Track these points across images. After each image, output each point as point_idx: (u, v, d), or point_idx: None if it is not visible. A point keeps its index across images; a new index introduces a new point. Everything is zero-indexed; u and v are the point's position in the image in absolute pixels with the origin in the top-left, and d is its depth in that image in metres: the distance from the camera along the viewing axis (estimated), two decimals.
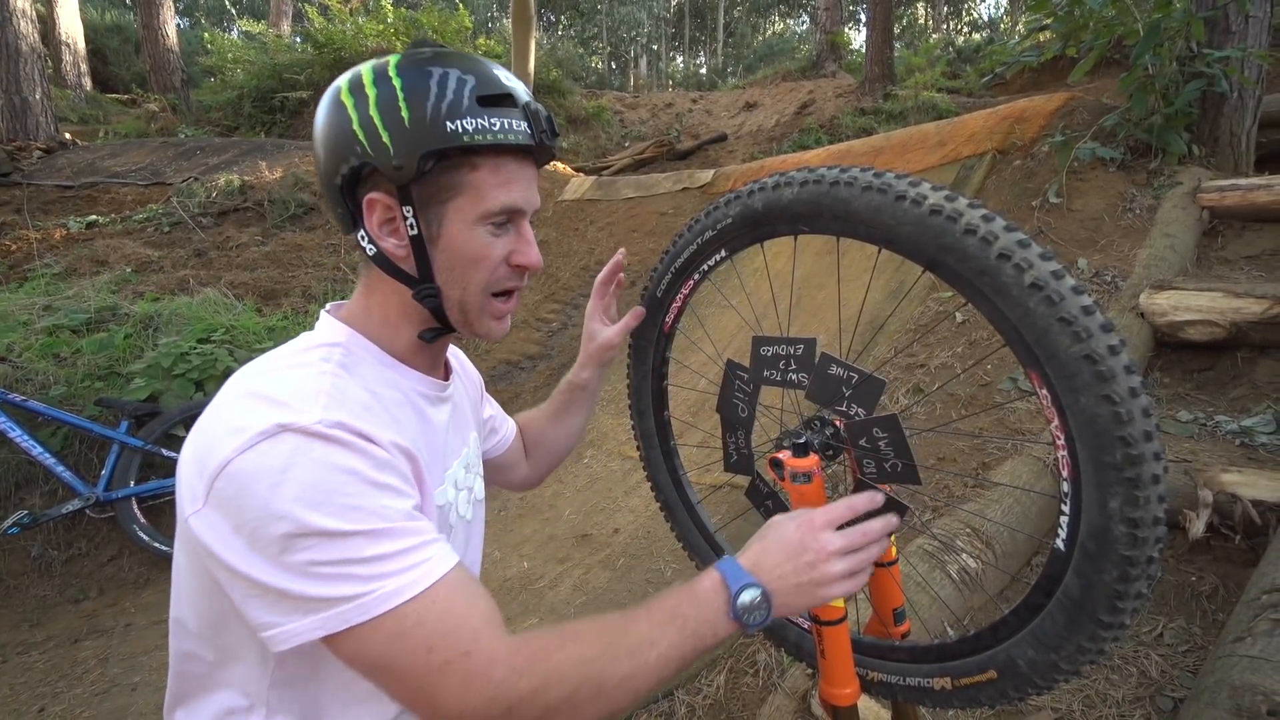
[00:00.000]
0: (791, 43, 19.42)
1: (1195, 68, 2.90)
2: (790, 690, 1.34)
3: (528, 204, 0.71)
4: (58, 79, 9.24)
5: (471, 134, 0.64)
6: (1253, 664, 1.07)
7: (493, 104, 0.65)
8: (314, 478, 0.55)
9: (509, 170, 0.68)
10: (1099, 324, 0.58)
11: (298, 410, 0.57)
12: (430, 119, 0.63)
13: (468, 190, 0.67)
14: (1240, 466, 1.62)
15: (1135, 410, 0.57)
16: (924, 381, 2.37)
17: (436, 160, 0.64)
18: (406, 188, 0.65)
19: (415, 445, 0.66)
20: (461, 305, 0.71)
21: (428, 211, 0.67)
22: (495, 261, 0.70)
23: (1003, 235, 0.62)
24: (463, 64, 0.66)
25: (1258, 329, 2.10)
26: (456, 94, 0.64)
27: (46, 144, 6.39)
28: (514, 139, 0.66)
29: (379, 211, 0.67)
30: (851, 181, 0.70)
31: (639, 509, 2.56)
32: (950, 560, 1.52)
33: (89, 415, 2.78)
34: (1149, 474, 0.57)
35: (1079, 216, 2.89)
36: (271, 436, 0.55)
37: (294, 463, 0.55)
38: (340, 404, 0.60)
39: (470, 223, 0.67)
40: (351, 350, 0.69)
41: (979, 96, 7.80)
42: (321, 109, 0.69)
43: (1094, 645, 0.62)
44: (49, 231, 4.78)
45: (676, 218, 4.81)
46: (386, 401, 0.67)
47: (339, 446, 0.57)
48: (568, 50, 12.68)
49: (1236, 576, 1.48)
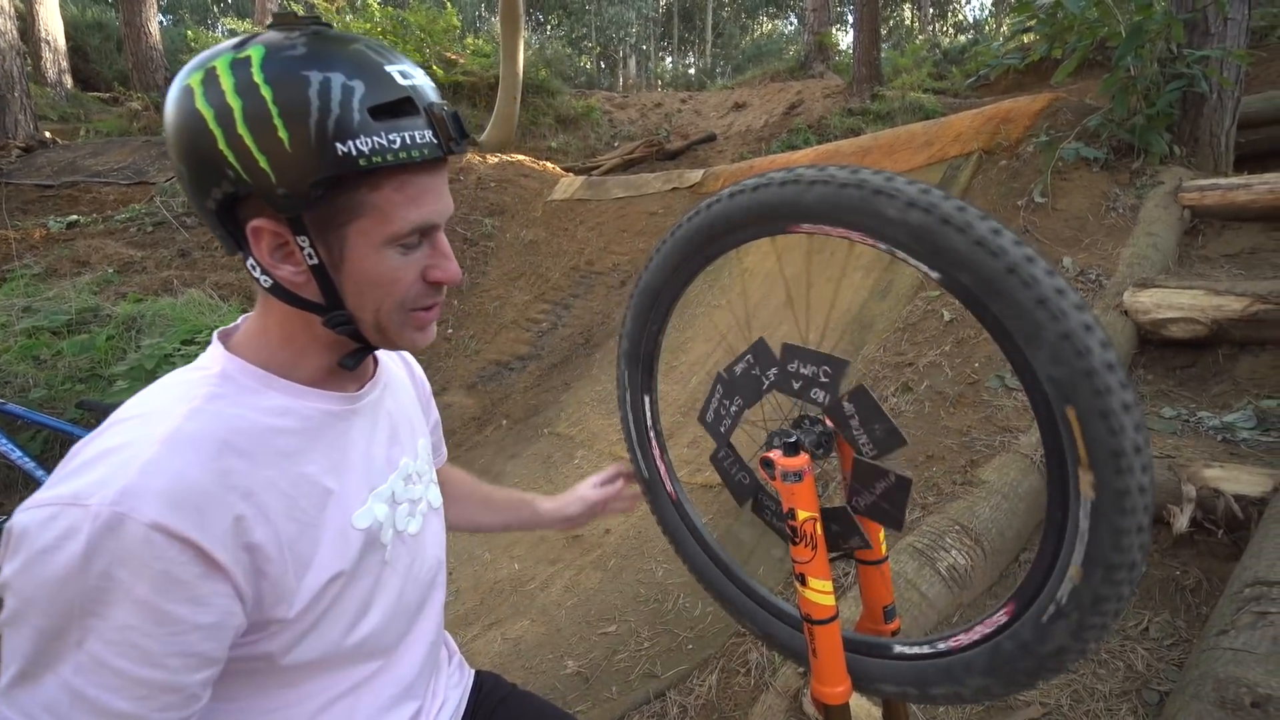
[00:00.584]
0: (779, 43, 19.49)
1: (1176, 69, 2.95)
2: (782, 689, 1.34)
3: (440, 216, 0.62)
4: (37, 76, 9.08)
5: (368, 156, 0.55)
6: (1236, 656, 1.09)
7: (389, 114, 0.56)
8: (65, 580, 0.48)
9: (416, 185, 0.60)
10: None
11: (100, 480, 0.51)
12: (316, 142, 0.54)
13: (370, 212, 0.58)
14: (1222, 462, 1.64)
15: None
16: (912, 380, 2.38)
17: (329, 187, 0.56)
18: (298, 216, 0.57)
19: (314, 480, 0.62)
20: (378, 326, 0.64)
21: (326, 237, 0.59)
22: (409, 282, 0.63)
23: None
24: (345, 63, 0.56)
25: (1238, 326, 2.13)
26: (344, 107, 0.54)
27: (26, 142, 6.28)
28: (419, 154, 0.57)
29: (267, 239, 0.59)
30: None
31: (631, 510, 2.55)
32: (940, 557, 1.53)
33: (70, 418, 2.73)
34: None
35: (1064, 216, 2.93)
36: (62, 505, 0.50)
37: (58, 547, 0.49)
38: (160, 472, 0.52)
39: (376, 246, 0.60)
40: (230, 379, 0.62)
41: (965, 97, 7.87)
42: (172, 110, 0.57)
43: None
44: (28, 231, 4.70)
45: (666, 217, 4.81)
46: (270, 437, 0.60)
47: (133, 551, 0.50)
48: (557, 50, 12.64)
49: (1220, 570, 1.51)
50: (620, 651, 1.78)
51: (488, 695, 0.90)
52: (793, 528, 0.79)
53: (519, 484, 3.04)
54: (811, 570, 0.79)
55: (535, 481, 3.03)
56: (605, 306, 4.39)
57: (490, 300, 4.66)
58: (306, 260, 0.59)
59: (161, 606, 0.51)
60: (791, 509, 0.78)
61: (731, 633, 1.65)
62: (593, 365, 3.82)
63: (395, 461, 0.75)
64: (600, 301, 4.45)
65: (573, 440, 3.27)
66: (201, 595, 0.53)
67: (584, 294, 4.57)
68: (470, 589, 2.28)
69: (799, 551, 0.79)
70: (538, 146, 8.23)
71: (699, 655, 1.65)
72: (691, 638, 1.75)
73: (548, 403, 3.67)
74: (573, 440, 3.27)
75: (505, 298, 4.67)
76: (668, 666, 1.67)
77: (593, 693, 1.66)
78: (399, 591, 0.73)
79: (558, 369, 3.95)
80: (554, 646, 1.88)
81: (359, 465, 0.69)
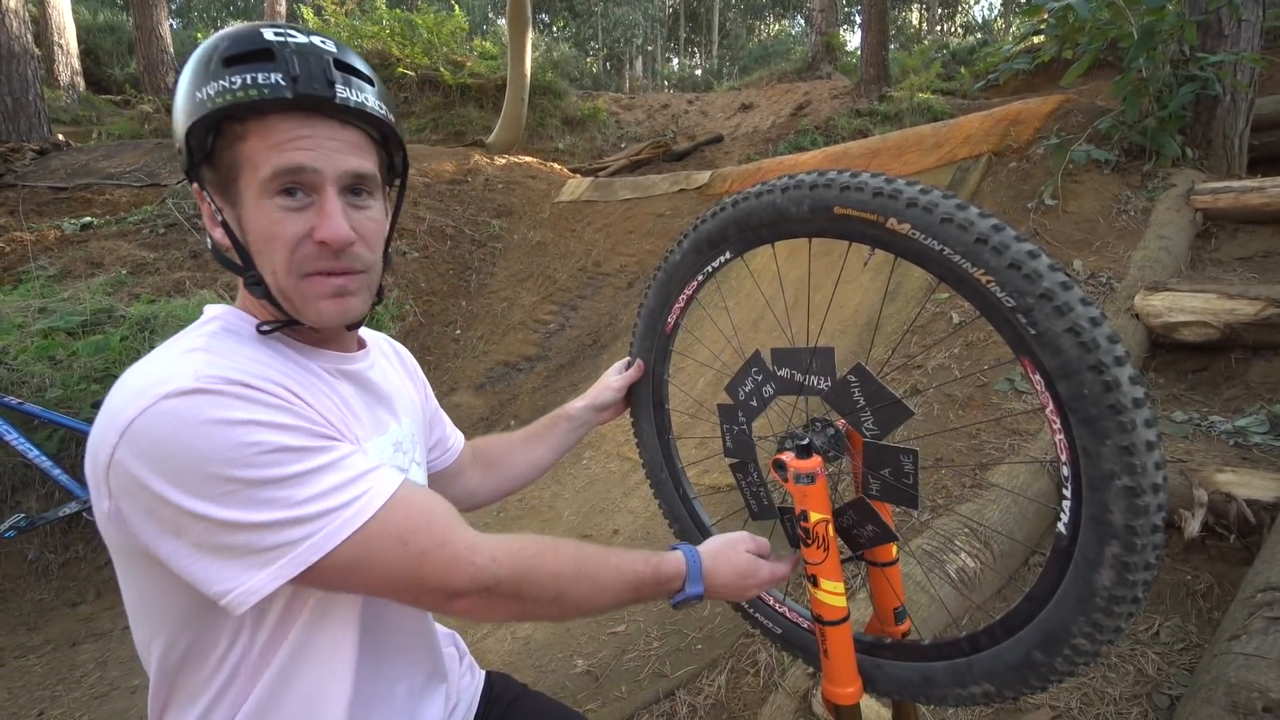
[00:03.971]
0: (786, 44, 19.46)
1: (1188, 71, 2.93)
2: (791, 690, 1.34)
3: (312, 162, 0.61)
4: (50, 80, 9.17)
5: (213, 98, 0.59)
6: (1248, 661, 1.09)
7: (240, 61, 0.59)
8: (212, 436, 0.53)
9: (283, 130, 0.61)
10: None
11: (171, 380, 0.54)
12: (185, 94, 0.60)
13: (244, 163, 0.61)
14: (1235, 466, 1.63)
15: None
16: (921, 382, 2.38)
17: (203, 136, 0.61)
18: (199, 174, 0.63)
19: (327, 407, 0.65)
20: (281, 291, 0.65)
21: (227, 194, 0.63)
22: (291, 238, 0.62)
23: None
24: (237, 30, 0.62)
25: (1251, 330, 2.12)
26: (206, 60, 0.60)
27: (40, 145, 6.35)
28: (258, 94, 0.58)
29: (203, 205, 0.65)
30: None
31: (638, 510, 2.56)
32: (949, 560, 1.53)
33: (85, 418, 2.76)
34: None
35: (1074, 218, 2.92)
36: (151, 408, 0.53)
37: (185, 422, 0.53)
38: (216, 364, 0.57)
39: (257, 198, 0.61)
40: (230, 322, 0.66)
41: (973, 99, 7.84)
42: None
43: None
44: (43, 233, 4.75)
45: (673, 219, 4.82)
46: (279, 372, 0.64)
47: (227, 398, 0.54)
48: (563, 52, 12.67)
49: (1231, 575, 1.50)
50: (629, 651, 1.79)
51: (499, 696, 0.91)
52: (805, 529, 0.79)
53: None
54: (823, 572, 0.80)
55: (543, 482, 3.04)
56: (612, 308, 4.40)
57: (498, 301, 4.68)
58: (216, 218, 0.64)
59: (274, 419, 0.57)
60: (804, 510, 0.79)
61: (740, 633, 1.66)
62: (600, 366, 3.83)
63: (384, 426, 0.77)
64: (607, 303, 4.46)
65: (581, 441, 3.28)
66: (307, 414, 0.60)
67: (591, 295, 4.58)
68: None
69: (811, 553, 0.80)
70: (545, 148, 8.25)
71: (708, 655, 1.66)
72: (700, 638, 1.75)
73: (555, 403, 3.68)
74: (581, 441, 3.28)
75: (513, 299, 4.69)
76: (677, 666, 1.68)
77: (602, 692, 1.67)
78: None
79: (565, 370, 3.96)
80: (563, 646, 1.89)
81: (346, 419, 0.70)
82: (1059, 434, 0.63)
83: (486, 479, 1.03)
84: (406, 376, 0.90)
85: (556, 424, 1.07)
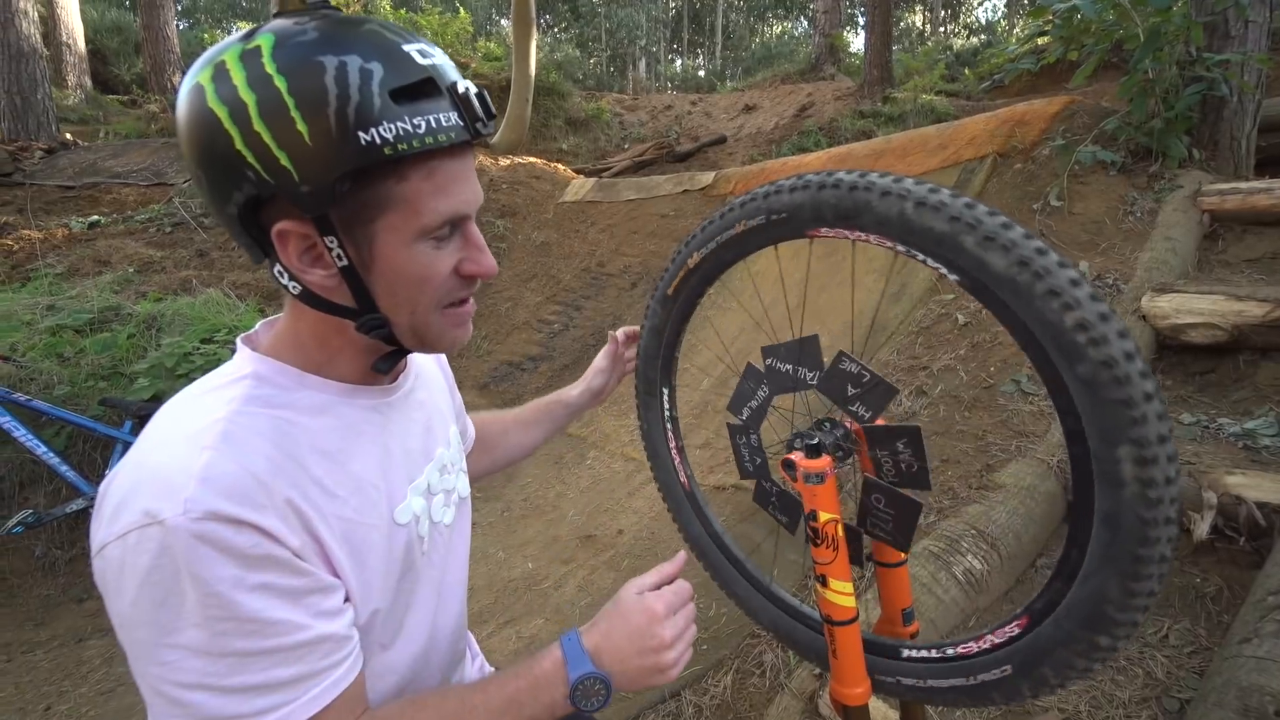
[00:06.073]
0: (790, 45, 19.46)
1: (1195, 72, 2.92)
2: (797, 691, 1.34)
3: (470, 206, 0.59)
4: (58, 79, 9.23)
5: (393, 143, 0.51)
6: (1259, 665, 1.08)
7: (411, 96, 0.52)
8: (178, 589, 0.50)
9: (445, 172, 0.56)
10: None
11: (161, 495, 0.51)
12: (337, 133, 0.50)
13: (399, 205, 0.55)
14: (1244, 469, 1.63)
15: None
16: (926, 384, 2.37)
17: (354, 180, 0.53)
18: (324, 215, 0.54)
19: (356, 477, 0.62)
20: (413, 329, 0.61)
21: (354, 234, 0.56)
22: (443, 277, 0.59)
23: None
24: (361, 45, 0.52)
25: (1259, 332, 2.11)
26: (364, 93, 0.50)
27: (48, 144, 6.39)
28: (445, 139, 0.53)
29: (294, 242, 0.56)
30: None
31: (643, 510, 2.56)
32: (956, 562, 1.53)
33: (93, 415, 2.78)
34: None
35: (1080, 220, 2.91)
36: (139, 529, 0.50)
37: (158, 565, 0.50)
38: (222, 470, 0.52)
39: (407, 242, 0.56)
40: (265, 380, 0.60)
41: (977, 100, 7.83)
42: (183, 110, 0.54)
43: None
44: (51, 231, 4.78)
45: (677, 219, 4.82)
46: (314, 435, 0.60)
47: (206, 547, 0.50)
48: (567, 53, 12.69)
49: (1241, 578, 1.49)
50: None
51: None
52: (814, 529, 0.79)
53: (531, 484, 3.06)
54: (832, 571, 0.80)
55: (548, 481, 3.05)
56: (616, 308, 4.40)
57: (502, 301, 4.69)
58: (336, 262, 0.56)
59: (252, 579, 0.52)
60: (813, 510, 0.79)
61: (746, 634, 1.65)
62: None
63: (431, 452, 0.75)
64: (611, 303, 4.47)
65: (584, 441, 3.28)
66: (291, 564, 0.55)
67: (595, 295, 4.59)
68: (485, 587, 2.29)
69: (820, 553, 0.80)
70: (549, 148, 8.26)
71: (714, 656, 1.66)
72: (706, 638, 1.75)
73: None
74: (584, 441, 3.28)
75: (517, 299, 4.70)
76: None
77: None
78: (435, 584, 0.74)
79: (569, 370, 3.97)
80: None
81: (399, 459, 0.68)
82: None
83: (480, 459, 1.04)
84: (442, 378, 0.89)
85: (552, 409, 1.09)
